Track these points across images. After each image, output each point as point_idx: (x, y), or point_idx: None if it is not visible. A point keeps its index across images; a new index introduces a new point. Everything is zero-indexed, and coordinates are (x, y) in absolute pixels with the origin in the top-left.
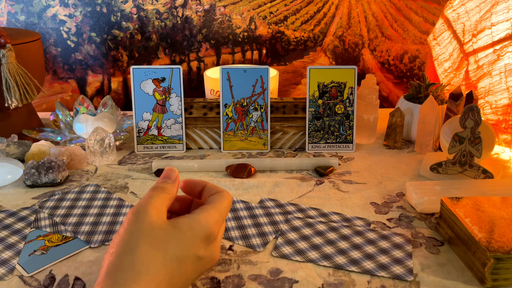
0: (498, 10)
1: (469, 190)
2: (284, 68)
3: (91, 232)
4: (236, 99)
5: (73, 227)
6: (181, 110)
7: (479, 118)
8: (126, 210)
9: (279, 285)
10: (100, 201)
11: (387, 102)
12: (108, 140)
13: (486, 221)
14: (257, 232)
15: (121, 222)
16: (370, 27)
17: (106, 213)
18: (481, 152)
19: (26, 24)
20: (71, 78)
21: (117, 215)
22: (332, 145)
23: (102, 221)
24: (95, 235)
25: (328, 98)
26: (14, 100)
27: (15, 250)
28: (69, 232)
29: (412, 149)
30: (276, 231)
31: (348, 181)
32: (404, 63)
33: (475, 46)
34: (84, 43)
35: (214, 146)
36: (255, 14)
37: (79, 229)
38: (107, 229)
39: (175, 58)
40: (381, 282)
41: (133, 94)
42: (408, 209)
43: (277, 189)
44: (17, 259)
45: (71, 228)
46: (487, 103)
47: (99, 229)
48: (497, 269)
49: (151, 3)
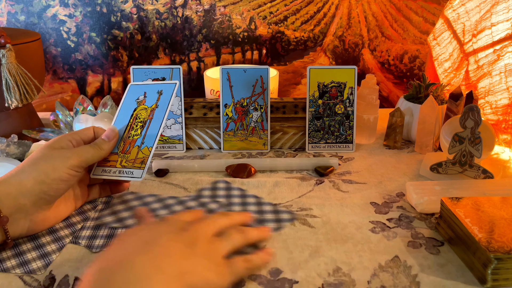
0: (498, 10)
1: (469, 190)
2: (284, 68)
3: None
4: (236, 99)
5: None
6: (181, 110)
7: (479, 118)
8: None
9: (279, 285)
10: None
11: (387, 102)
12: None
13: (486, 221)
14: None
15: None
16: (370, 27)
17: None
18: (481, 152)
19: (26, 24)
20: (71, 78)
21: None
22: (332, 145)
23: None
24: (97, 240)
25: (328, 98)
26: (14, 100)
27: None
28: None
29: (412, 149)
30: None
31: (348, 181)
32: (404, 63)
33: (475, 46)
34: (84, 43)
35: (214, 146)
36: (255, 14)
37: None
38: (108, 233)
39: (175, 58)
40: (381, 282)
41: None
42: (408, 209)
43: (277, 189)
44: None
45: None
46: (487, 103)
47: (100, 234)
48: (497, 269)
49: (151, 3)
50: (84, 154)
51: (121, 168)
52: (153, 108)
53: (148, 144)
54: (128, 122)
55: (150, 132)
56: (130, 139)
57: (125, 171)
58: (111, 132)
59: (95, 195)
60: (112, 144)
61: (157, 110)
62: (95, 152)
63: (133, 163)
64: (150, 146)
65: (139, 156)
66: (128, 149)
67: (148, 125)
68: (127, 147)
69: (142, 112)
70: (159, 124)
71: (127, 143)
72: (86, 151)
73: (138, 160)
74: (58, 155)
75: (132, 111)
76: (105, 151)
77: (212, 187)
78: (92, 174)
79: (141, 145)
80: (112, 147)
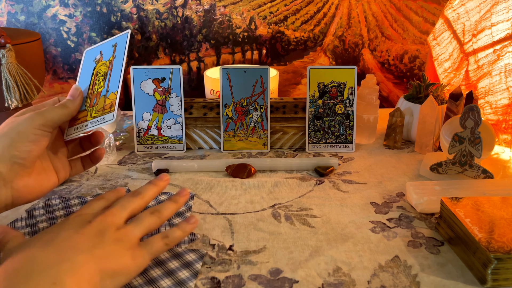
0: (498, 10)
1: (469, 190)
2: (284, 68)
3: None
4: (236, 99)
5: None
6: (181, 110)
7: (479, 118)
8: None
9: (279, 285)
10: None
11: (387, 102)
12: (108, 140)
13: (486, 221)
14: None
15: None
16: (370, 27)
17: None
18: (481, 152)
19: (26, 24)
20: (71, 78)
21: None
22: (332, 145)
23: None
24: None
25: (328, 98)
26: (14, 100)
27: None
28: None
29: (412, 149)
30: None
31: (348, 181)
32: (404, 63)
33: (475, 46)
34: (84, 43)
35: (214, 146)
36: (255, 14)
37: None
38: None
39: (175, 58)
40: (381, 282)
41: (133, 94)
42: (408, 209)
43: (277, 189)
44: None
45: None
46: (487, 103)
47: None
48: (497, 269)
49: (151, 3)
50: (49, 113)
51: (92, 120)
52: (111, 60)
53: (112, 89)
54: (90, 80)
55: (113, 79)
56: (95, 93)
57: (96, 120)
58: (75, 91)
59: (79, 169)
60: (78, 102)
61: (115, 60)
62: (61, 110)
63: (103, 110)
64: (115, 90)
65: (106, 102)
66: (96, 101)
67: (110, 75)
68: (93, 101)
69: (101, 68)
70: (119, 69)
71: (93, 98)
72: (50, 110)
73: (107, 106)
74: (23, 120)
75: (92, 70)
76: (71, 109)
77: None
78: (65, 135)
79: (107, 93)
80: (78, 105)
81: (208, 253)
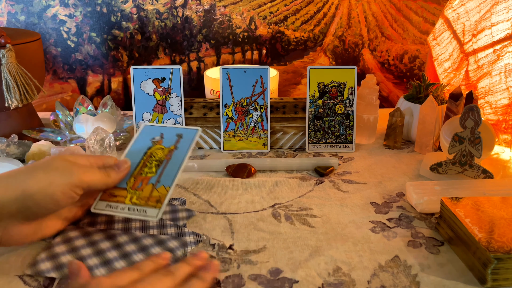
0: (498, 10)
1: (469, 190)
2: (284, 68)
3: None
4: (236, 99)
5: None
6: (181, 110)
7: (479, 118)
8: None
9: (279, 285)
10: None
11: (387, 102)
12: (108, 140)
13: (486, 221)
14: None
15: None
16: (370, 27)
17: None
18: (481, 152)
19: (26, 24)
20: (71, 78)
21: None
22: (332, 145)
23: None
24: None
25: (328, 98)
26: (14, 100)
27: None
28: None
29: (412, 149)
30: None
31: (348, 181)
32: (404, 63)
33: (475, 46)
34: (84, 43)
35: (214, 146)
36: (255, 14)
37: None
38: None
39: (175, 58)
40: (381, 282)
41: (133, 94)
42: (408, 209)
43: (277, 189)
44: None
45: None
46: (487, 103)
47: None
48: (497, 269)
49: (151, 3)
50: (89, 175)
51: (131, 205)
52: (171, 149)
53: (165, 184)
54: (141, 159)
55: (168, 172)
56: (143, 176)
57: (136, 208)
58: (123, 163)
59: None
60: (121, 175)
61: (176, 152)
62: (102, 177)
63: (147, 201)
64: (168, 185)
65: (153, 194)
66: (140, 186)
67: (165, 165)
68: (138, 183)
69: (158, 152)
70: (178, 165)
71: (139, 180)
72: (92, 173)
73: (153, 198)
74: (63, 167)
75: (146, 149)
76: (112, 179)
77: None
78: (94, 207)
79: (157, 184)
80: (120, 178)
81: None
